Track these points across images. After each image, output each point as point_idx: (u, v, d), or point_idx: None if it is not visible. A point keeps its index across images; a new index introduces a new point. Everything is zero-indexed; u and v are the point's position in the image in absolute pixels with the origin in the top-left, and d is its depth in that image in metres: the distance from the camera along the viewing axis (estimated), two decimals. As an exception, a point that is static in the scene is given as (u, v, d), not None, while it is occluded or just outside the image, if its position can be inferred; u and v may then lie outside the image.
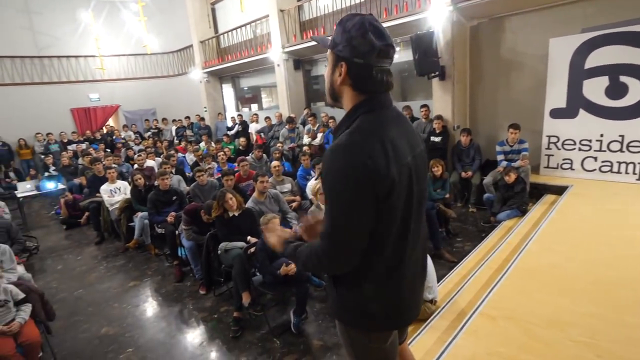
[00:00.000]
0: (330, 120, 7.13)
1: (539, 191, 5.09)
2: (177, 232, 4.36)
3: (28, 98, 10.67)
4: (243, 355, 2.85)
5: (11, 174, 9.47)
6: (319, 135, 7.22)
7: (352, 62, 1.04)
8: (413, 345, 2.30)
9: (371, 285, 1.11)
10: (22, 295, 2.76)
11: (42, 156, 9.84)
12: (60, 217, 6.79)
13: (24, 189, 7.28)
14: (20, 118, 10.34)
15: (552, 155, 5.30)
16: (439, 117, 5.64)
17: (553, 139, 5.25)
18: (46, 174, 8.98)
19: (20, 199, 6.96)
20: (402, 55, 7.35)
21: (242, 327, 3.13)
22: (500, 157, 5.21)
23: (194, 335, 3.19)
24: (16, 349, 2.52)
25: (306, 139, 7.34)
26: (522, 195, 4.54)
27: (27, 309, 2.73)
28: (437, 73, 5.45)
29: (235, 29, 9.98)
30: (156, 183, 4.91)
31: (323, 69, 9.07)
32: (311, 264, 1.11)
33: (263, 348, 2.90)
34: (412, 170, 1.07)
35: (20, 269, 3.59)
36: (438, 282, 3.34)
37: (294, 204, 4.80)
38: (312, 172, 5.35)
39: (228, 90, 12.30)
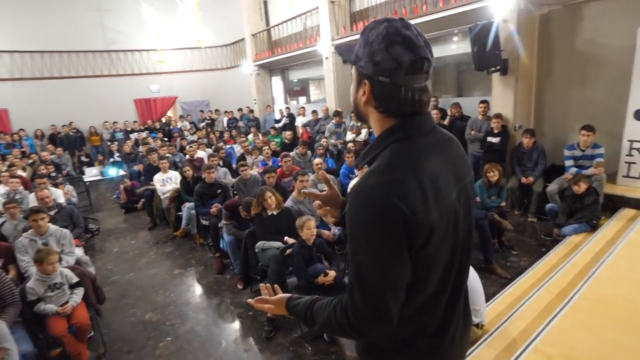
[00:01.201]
0: (379, 116, 6.85)
1: (614, 204, 4.47)
2: (219, 225, 4.45)
3: (98, 89, 11.60)
4: (274, 358, 2.82)
5: (82, 159, 10.42)
6: (363, 131, 7.00)
7: (376, 80, 0.85)
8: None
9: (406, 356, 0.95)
10: (76, 279, 2.95)
11: (109, 143, 10.68)
12: (119, 202, 7.30)
13: (91, 174, 7.95)
14: (90, 107, 11.27)
15: (634, 163, 4.61)
16: (498, 116, 5.15)
17: (636, 144, 4.56)
18: (111, 159, 9.75)
19: (87, 183, 7.59)
20: (459, 47, 6.85)
21: (275, 328, 3.11)
22: (568, 163, 4.65)
23: (229, 331, 3.22)
24: (68, 330, 2.69)
25: (349, 136, 7.15)
26: (594, 208, 4.01)
27: (79, 292, 2.92)
28: (498, 67, 4.97)
29: (286, 21, 9.97)
30: (203, 175, 5.05)
31: (374, 62, 8.77)
32: (335, 324, 0.87)
33: (294, 353, 2.84)
34: (457, 209, 0.88)
35: (79, 252, 3.87)
36: (487, 301, 3.06)
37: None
38: (355, 171, 5.18)
39: (277, 83, 12.43)
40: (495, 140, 5.21)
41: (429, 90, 0.89)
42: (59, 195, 5.05)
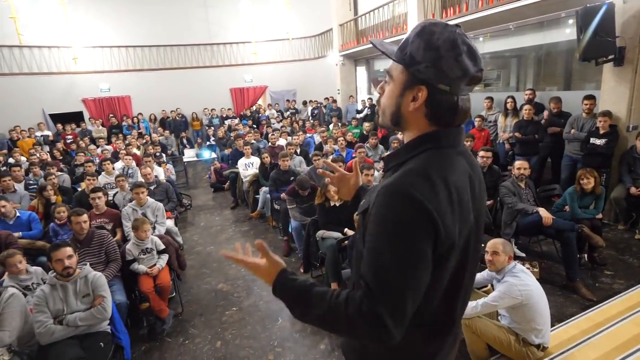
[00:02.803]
0: (462, 110, 6.39)
1: None
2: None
3: (200, 79, 12.96)
4: (323, 343, 2.95)
5: (184, 141, 11.84)
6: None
7: (436, 88, 0.83)
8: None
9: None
10: (162, 247, 3.46)
11: (207, 128, 11.93)
12: (210, 182, 8.17)
13: (189, 155, 9.03)
14: (194, 95, 12.67)
15: None
16: (606, 114, 4.41)
17: None
18: (207, 143, 10.90)
19: (185, 163, 8.65)
20: (566, 33, 5.97)
21: (328, 315, 3.23)
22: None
23: (286, 311, 3.41)
24: (154, 288, 3.20)
25: (431, 129, 6.81)
26: None
27: (164, 258, 3.42)
28: (610, 57, 4.23)
29: (374, 10, 9.80)
30: (279, 162, 5.38)
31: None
32: (340, 317, 0.80)
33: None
34: (471, 233, 0.86)
35: (170, 223, 4.49)
36: (561, 322, 2.76)
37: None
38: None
39: (361, 73, 12.36)
40: (599, 142, 4.49)
41: (470, 101, 0.88)
42: (160, 172, 5.87)
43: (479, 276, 2.65)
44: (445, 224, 0.77)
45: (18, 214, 3.83)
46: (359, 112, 10.51)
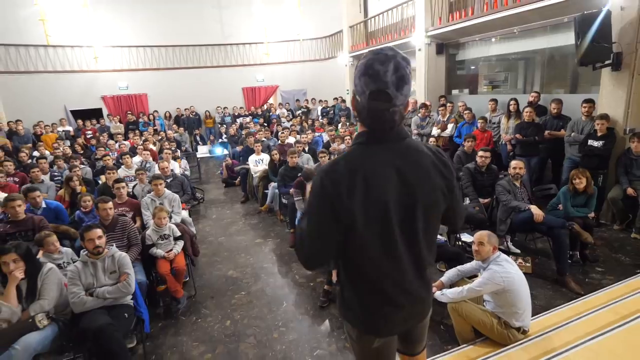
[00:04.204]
0: (466, 112, 6.57)
1: None
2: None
3: (214, 78, 13.35)
4: (324, 325, 3.21)
5: (197, 138, 12.22)
6: (450, 126, 6.79)
7: (355, 97, 1.15)
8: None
9: (351, 293, 1.26)
10: (178, 234, 3.76)
11: (219, 125, 12.29)
12: (222, 177, 8.49)
13: (202, 151, 9.38)
14: (207, 94, 13.06)
15: None
16: (604, 117, 4.56)
17: None
18: (219, 140, 11.26)
19: (199, 159, 9.00)
20: (567, 38, 6.08)
21: (329, 300, 3.48)
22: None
23: (291, 296, 3.72)
24: (170, 271, 3.49)
25: (435, 131, 7.00)
26: None
27: (180, 244, 3.72)
28: (607, 62, 4.38)
29: (383, 12, 10.00)
30: (287, 159, 5.64)
31: (471, 53, 8.30)
32: (298, 241, 1.24)
33: (342, 323, 3.18)
34: (389, 204, 1.11)
35: (185, 213, 4.79)
36: (546, 311, 2.96)
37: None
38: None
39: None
40: (596, 144, 4.64)
41: (393, 113, 1.10)
42: (175, 167, 6.21)
43: (469, 266, 2.86)
44: (341, 197, 1.07)
45: (44, 205, 4.10)
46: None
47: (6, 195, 4.00)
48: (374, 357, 1.35)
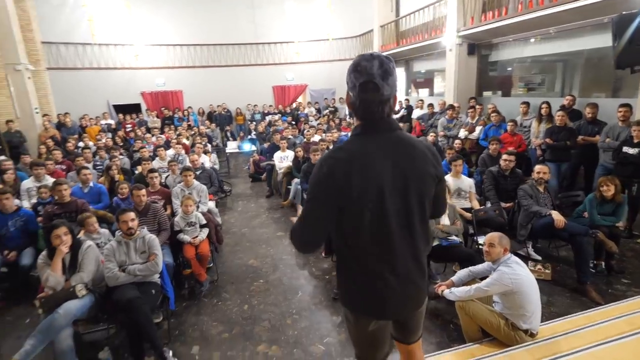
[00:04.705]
0: (494, 115, 6.44)
1: None
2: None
3: (245, 76, 13.77)
4: (335, 314, 3.33)
5: (228, 134, 12.65)
6: (478, 128, 6.69)
7: (349, 93, 1.30)
8: (481, 363, 2.24)
9: (348, 277, 1.37)
10: (204, 222, 4.00)
11: (249, 122, 12.66)
12: (249, 172, 8.79)
13: (231, 147, 9.74)
14: (238, 91, 13.48)
15: None
16: (641, 123, 4.37)
17: None
18: (249, 137, 11.60)
19: (228, 154, 9.36)
20: (603, 40, 5.83)
21: (343, 293, 3.59)
22: None
23: (306, 287, 3.87)
24: (195, 256, 3.74)
25: (462, 133, 6.91)
26: None
27: (205, 231, 3.96)
28: (646, 65, 4.20)
29: (415, 12, 9.93)
30: (310, 156, 5.80)
31: (504, 54, 8.10)
32: (293, 232, 1.37)
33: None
34: (384, 188, 1.22)
35: (211, 204, 5.06)
36: (560, 317, 2.93)
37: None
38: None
39: (400, 74, 12.49)
40: (632, 151, 4.44)
41: (384, 104, 1.24)
42: (205, 160, 6.52)
43: (480, 267, 2.89)
44: (339, 180, 1.19)
45: (91, 185, 4.63)
46: (395, 112, 10.69)
47: (54, 179, 4.42)
48: (369, 340, 1.45)
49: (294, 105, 14.22)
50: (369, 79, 1.20)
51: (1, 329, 3.28)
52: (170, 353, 2.78)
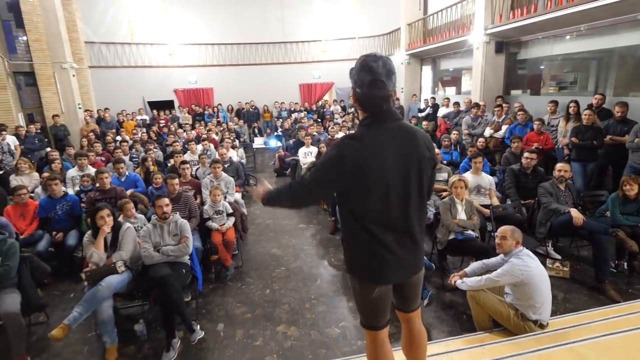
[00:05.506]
0: (519, 113, 6.35)
1: None
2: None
3: (273, 74, 14.11)
4: (351, 301, 3.48)
5: (255, 130, 13.02)
6: (504, 127, 6.62)
7: (356, 90, 1.46)
8: (488, 348, 2.34)
9: (354, 245, 1.55)
10: (231, 211, 4.27)
11: (275, 119, 12.98)
12: (274, 167, 9.07)
13: (258, 142, 10.06)
14: (266, 89, 13.84)
15: None
16: (673, 122, 4.24)
17: None
18: (275, 133, 11.90)
19: (254, 150, 9.69)
20: (634, 38, 5.63)
21: (359, 282, 3.75)
22: None
23: (325, 276, 4.05)
24: (222, 242, 4.01)
25: (488, 131, 6.85)
26: None
27: (231, 220, 4.23)
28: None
29: (443, 9, 9.86)
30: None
31: (533, 51, 7.93)
32: (283, 190, 1.57)
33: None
34: (390, 169, 1.41)
35: (238, 195, 5.33)
36: (577, 310, 2.97)
37: (444, 193, 4.87)
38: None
39: (427, 72, 12.40)
40: (663, 151, 4.33)
41: (388, 98, 1.42)
42: (233, 154, 6.84)
43: (494, 259, 2.96)
44: (350, 162, 1.38)
45: (127, 174, 5.07)
46: (420, 110, 10.66)
47: (96, 169, 4.83)
48: (373, 306, 1.62)
49: (320, 103, 14.41)
50: (377, 77, 1.38)
51: (50, 302, 3.67)
52: (198, 326, 3.05)
